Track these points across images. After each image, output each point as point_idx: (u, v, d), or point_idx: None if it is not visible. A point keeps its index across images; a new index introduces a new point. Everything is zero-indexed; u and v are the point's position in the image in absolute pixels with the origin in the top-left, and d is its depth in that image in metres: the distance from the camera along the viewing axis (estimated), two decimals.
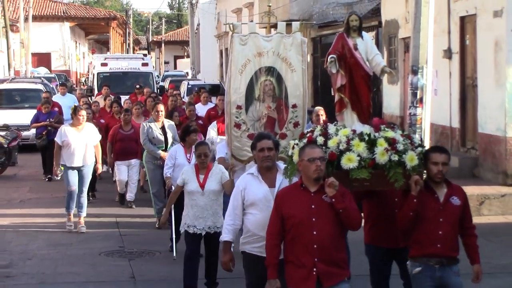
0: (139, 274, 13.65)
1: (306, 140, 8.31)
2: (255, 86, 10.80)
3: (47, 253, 15.22)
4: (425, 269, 7.92)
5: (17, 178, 24.19)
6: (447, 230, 7.91)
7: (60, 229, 16.92)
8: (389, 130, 8.42)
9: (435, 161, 7.95)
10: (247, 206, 8.45)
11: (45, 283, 13.26)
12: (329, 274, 7.38)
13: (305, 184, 7.54)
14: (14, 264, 14.51)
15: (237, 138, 10.94)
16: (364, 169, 8.00)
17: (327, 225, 7.39)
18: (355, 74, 9.04)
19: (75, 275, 13.65)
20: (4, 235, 16.74)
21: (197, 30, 62.56)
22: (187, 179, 11.05)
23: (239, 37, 10.78)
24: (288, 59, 10.77)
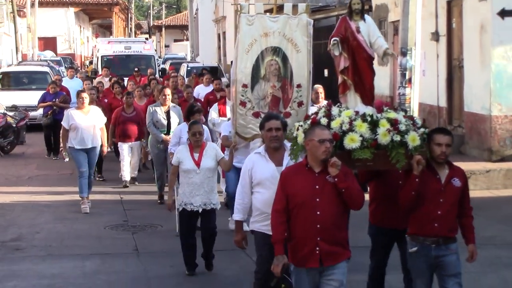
0: (142, 247, 13.69)
1: (310, 122, 8.08)
2: (261, 66, 10.61)
3: (54, 227, 15.28)
4: (421, 249, 7.77)
5: (25, 156, 24.21)
6: (446, 211, 7.72)
7: (66, 204, 16.96)
8: (391, 111, 8.22)
9: (438, 142, 7.72)
10: (255, 185, 8.36)
11: (52, 255, 13.29)
12: (331, 253, 7.26)
13: (310, 164, 7.34)
14: (23, 237, 14.57)
15: (242, 116, 10.69)
16: (366, 149, 7.79)
17: (330, 205, 7.23)
18: (358, 57, 8.83)
19: (81, 247, 13.70)
20: (13, 210, 16.80)
21: (196, 14, 62.48)
22: (181, 158, 10.94)
23: (246, 17, 10.58)
24: (293, 40, 10.56)
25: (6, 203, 17.70)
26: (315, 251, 7.20)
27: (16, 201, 17.86)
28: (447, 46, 22.10)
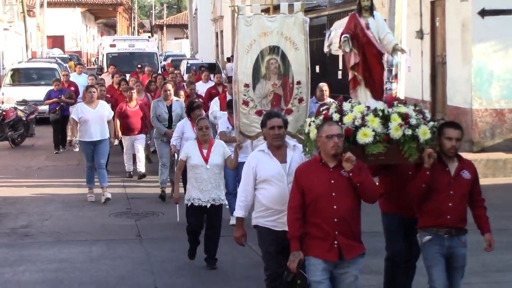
0: (144, 233, 13.74)
1: (322, 117, 7.72)
2: (261, 65, 10.10)
3: (62, 214, 15.31)
4: (434, 238, 7.49)
5: (34, 148, 24.19)
6: (456, 202, 7.46)
7: (73, 193, 16.99)
8: (402, 106, 7.90)
9: (449, 136, 7.48)
10: (260, 182, 7.92)
11: (60, 241, 13.32)
12: (349, 246, 6.96)
13: (324, 159, 7.03)
14: (33, 224, 14.59)
15: (245, 115, 10.15)
16: (379, 143, 7.45)
17: (346, 199, 6.93)
18: (367, 53, 8.38)
19: (87, 234, 13.74)
20: (23, 199, 16.81)
21: (195, 14, 62.53)
22: (190, 153, 10.62)
23: (244, 18, 10.16)
24: (291, 38, 10.11)
25: (16, 192, 17.71)
26: (334, 244, 6.91)
27: (26, 190, 17.86)
28: (430, 44, 22.15)
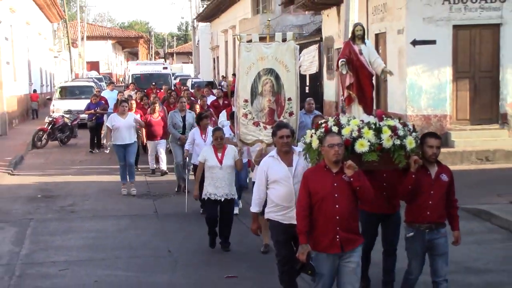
0: (160, 210, 13.74)
1: (323, 129, 7.20)
2: (258, 84, 9.78)
3: (98, 196, 15.33)
4: (416, 234, 7.06)
5: (77, 146, 24.09)
6: (436, 201, 7.02)
7: (106, 180, 16.98)
8: (390, 119, 7.40)
9: (430, 144, 7.04)
10: (271, 183, 7.48)
11: (96, 216, 13.34)
12: (349, 240, 6.49)
13: (328, 166, 6.53)
14: (77, 203, 14.58)
15: (244, 125, 9.77)
16: (373, 152, 7.00)
17: (346, 200, 6.45)
18: (361, 75, 8.01)
19: (117, 210, 13.78)
20: (69, 184, 16.81)
21: (198, 44, 62.40)
22: (207, 156, 10.15)
23: (245, 45, 9.88)
24: (284, 62, 9.78)
25: (65, 179, 17.72)
26: (336, 239, 6.43)
27: (71, 177, 17.90)
28: None
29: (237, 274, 9.22)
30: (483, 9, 18.87)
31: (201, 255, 10.21)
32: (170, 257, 10.35)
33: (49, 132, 24.00)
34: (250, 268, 9.50)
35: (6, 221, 13.02)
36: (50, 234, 11.93)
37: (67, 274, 9.60)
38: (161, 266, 9.88)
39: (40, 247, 11.08)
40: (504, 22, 18.89)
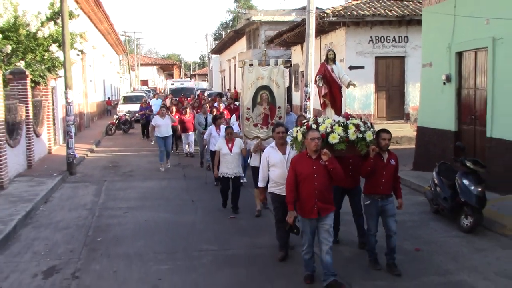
0: (187, 175, 13.66)
1: (306, 127, 6.80)
2: (257, 96, 9.41)
3: (148, 166, 15.22)
4: (372, 202, 6.61)
5: (134, 134, 23.95)
6: (387, 179, 6.59)
7: (152, 155, 16.87)
8: (354, 119, 6.92)
9: (383, 137, 6.62)
10: (271, 166, 7.12)
11: (146, 178, 13.22)
12: (324, 208, 6.04)
13: (309, 154, 6.11)
14: (134, 170, 14.54)
15: (247, 126, 9.44)
16: (342, 143, 6.57)
17: (323, 178, 6.04)
18: (333, 87, 7.60)
19: (158, 175, 13.68)
20: (129, 157, 16.72)
21: (211, 69, 62.16)
22: (221, 147, 9.58)
23: (247, 68, 9.46)
24: (276, 81, 9.44)
25: (126, 155, 17.57)
26: (314, 207, 6.01)
27: (129, 154, 17.73)
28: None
29: (239, 221, 9.16)
30: (394, 46, 18.95)
31: (214, 204, 10.23)
32: (193, 205, 10.34)
33: (116, 125, 24.01)
34: (248, 216, 9.49)
35: (89, 181, 13.02)
36: (116, 190, 11.89)
37: (127, 215, 9.60)
38: (187, 210, 9.88)
39: (110, 198, 11.06)
40: (407, 55, 19.00)
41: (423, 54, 13.43)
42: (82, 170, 14.56)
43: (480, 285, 6.11)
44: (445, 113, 12.08)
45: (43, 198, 10.71)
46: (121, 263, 6.99)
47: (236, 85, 44.91)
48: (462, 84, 11.70)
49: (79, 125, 24.34)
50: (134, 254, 7.36)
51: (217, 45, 53.63)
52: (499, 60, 10.16)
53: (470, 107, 11.42)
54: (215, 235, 8.24)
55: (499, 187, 9.88)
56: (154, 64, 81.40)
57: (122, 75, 54.01)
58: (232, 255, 7.27)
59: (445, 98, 12.10)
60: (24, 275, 6.62)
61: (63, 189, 12.09)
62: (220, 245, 7.73)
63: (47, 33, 15.43)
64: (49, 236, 8.29)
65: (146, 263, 6.99)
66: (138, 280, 6.38)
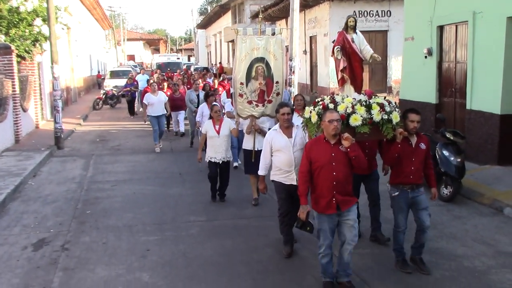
0: (174, 149, 13.62)
1: (321, 106, 5.70)
2: (252, 70, 8.02)
3: (135, 140, 15.13)
4: (401, 193, 5.62)
5: (121, 108, 23.60)
6: (417, 166, 5.61)
7: (141, 129, 16.76)
8: (378, 97, 5.84)
9: (412, 119, 5.60)
10: (274, 151, 6.16)
11: (134, 152, 13.19)
12: (344, 201, 5.11)
13: (327, 138, 5.13)
14: (121, 144, 14.44)
15: (240, 104, 8.06)
16: (365, 125, 5.50)
17: (343, 167, 5.07)
18: (353, 59, 6.36)
19: (147, 149, 13.56)
20: (116, 133, 16.59)
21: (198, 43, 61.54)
22: (207, 129, 8.43)
23: (241, 37, 8.03)
24: (273, 52, 8.04)
25: (113, 130, 17.41)
26: (332, 201, 5.06)
27: (117, 128, 17.58)
28: (310, 56, 22.06)
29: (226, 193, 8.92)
30: (377, 21, 18.88)
31: (200, 177, 10.23)
32: (181, 178, 10.33)
33: (103, 100, 23.71)
34: (234, 188, 9.47)
35: (77, 155, 12.91)
36: (104, 164, 11.83)
37: (116, 188, 9.56)
38: (175, 183, 9.88)
39: (98, 172, 11.00)
40: (390, 29, 18.97)
41: (405, 28, 13.39)
42: (70, 145, 14.44)
43: (459, 251, 6.21)
44: (426, 86, 12.12)
45: (31, 172, 10.62)
46: (110, 235, 6.99)
47: (222, 60, 44.58)
48: (443, 57, 11.71)
49: (66, 100, 24.07)
50: (123, 226, 7.36)
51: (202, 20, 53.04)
52: (479, 33, 10.15)
53: (450, 80, 11.46)
54: (203, 206, 8.26)
55: (477, 158, 10.01)
56: (140, 39, 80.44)
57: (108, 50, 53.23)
58: (219, 226, 7.30)
59: (426, 71, 12.12)
60: (14, 247, 6.59)
61: (51, 163, 11.99)
62: (207, 216, 7.75)
63: (30, 7, 15.10)
64: (38, 210, 8.24)
65: (135, 234, 7.00)
66: (127, 251, 6.39)
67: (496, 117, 9.63)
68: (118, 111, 22.89)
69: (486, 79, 9.97)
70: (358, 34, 6.51)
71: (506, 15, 9.33)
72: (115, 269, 5.86)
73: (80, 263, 6.05)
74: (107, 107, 23.90)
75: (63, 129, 14.17)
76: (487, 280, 5.40)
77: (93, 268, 5.88)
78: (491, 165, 9.66)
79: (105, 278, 5.61)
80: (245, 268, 5.82)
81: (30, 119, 16.22)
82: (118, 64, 54.79)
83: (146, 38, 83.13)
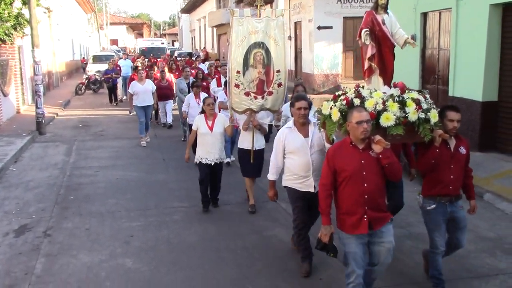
0: (158, 135, 13.46)
1: (345, 102, 4.67)
2: (250, 57, 6.96)
3: (119, 126, 15.03)
4: (438, 206, 4.65)
5: (103, 94, 23.18)
6: (456, 175, 4.67)
7: (124, 115, 16.63)
8: (412, 92, 4.80)
9: (451, 118, 4.64)
10: (288, 153, 5.22)
11: (117, 138, 13.06)
12: (377, 219, 4.15)
13: (354, 142, 4.18)
14: (104, 130, 14.32)
15: (236, 95, 6.99)
16: (399, 126, 4.49)
17: (374, 177, 4.13)
18: (383, 45, 5.22)
19: (130, 135, 13.41)
20: (99, 118, 16.44)
21: (182, 28, 60.96)
22: (199, 125, 7.30)
23: (237, 19, 6.97)
24: (273, 36, 7.00)
25: (96, 116, 17.23)
26: (364, 218, 4.11)
27: (100, 116, 17.34)
28: (295, 42, 21.99)
29: None
30: (361, 7, 18.84)
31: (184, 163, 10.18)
32: (164, 163, 10.29)
33: (86, 85, 23.45)
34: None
35: (60, 141, 12.79)
36: (87, 149, 11.73)
37: (99, 174, 9.50)
38: (159, 169, 9.84)
39: (81, 157, 10.91)
40: None
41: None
42: (52, 130, 14.29)
43: None
44: (409, 73, 12.17)
45: (12, 157, 10.49)
46: (93, 221, 6.96)
47: (206, 45, 44.26)
48: (426, 44, 11.76)
49: (48, 84, 23.74)
50: (106, 212, 7.33)
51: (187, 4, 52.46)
52: (462, 20, 10.21)
53: (433, 67, 11.53)
54: (186, 192, 8.24)
55: None
56: (124, 23, 79.40)
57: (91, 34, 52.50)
58: (202, 212, 7.30)
59: (410, 58, 12.17)
60: None
61: (33, 149, 11.86)
62: (190, 202, 7.74)
63: None
64: (20, 196, 8.16)
65: (118, 220, 6.97)
66: (110, 237, 6.37)
67: (477, 104, 9.73)
68: (101, 96, 22.65)
69: (469, 66, 10.05)
70: (390, 15, 5.32)
71: (489, 3, 9.38)
72: (98, 255, 5.84)
73: (63, 249, 6.02)
74: (90, 92, 23.64)
75: (44, 114, 14.00)
76: (467, 265, 5.47)
77: (76, 254, 5.86)
78: (472, 151, 9.76)
79: (88, 264, 5.60)
80: (229, 254, 5.83)
81: (11, 104, 15.98)
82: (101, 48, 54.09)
83: (129, 22, 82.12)
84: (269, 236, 6.34)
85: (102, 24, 62.40)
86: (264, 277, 5.25)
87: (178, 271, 5.40)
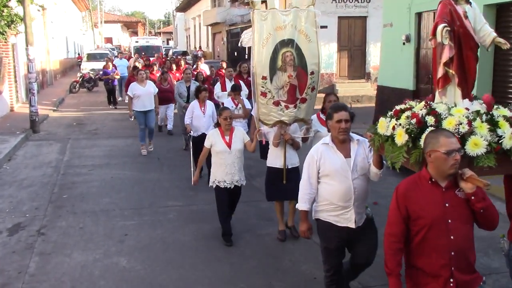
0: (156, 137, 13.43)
1: (415, 121, 3.39)
2: (277, 57, 5.68)
3: (113, 124, 14.98)
4: None
5: (98, 92, 23.31)
6: None
7: (119, 113, 16.58)
8: (501, 107, 3.56)
9: None
10: (323, 176, 4.10)
11: (112, 137, 13.01)
12: (468, 283, 3.07)
13: (435, 178, 3.06)
14: (99, 128, 14.27)
15: (264, 105, 5.75)
16: (490, 154, 3.23)
17: (464, 226, 3.04)
18: (464, 46, 3.65)
19: (124, 133, 13.39)
20: (93, 116, 16.38)
21: (176, 26, 60.88)
22: (214, 141, 6.07)
23: (259, 13, 5.77)
24: (304, 31, 5.73)
25: (91, 114, 17.17)
26: (450, 283, 3.02)
27: (97, 113, 17.30)
28: None
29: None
30: (356, 7, 18.90)
31: (178, 162, 10.19)
32: (159, 162, 10.27)
33: (80, 83, 23.39)
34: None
35: (53, 139, 12.74)
36: (81, 148, 11.70)
37: (93, 173, 9.48)
38: (153, 168, 9.83)
39: (75, 156, 10.88)
40: (369, 15, 19.03)
41: (384, 14, 13.44)
42: (46, 128, 14.24)
43: None
44: (404, 72, 12.22)
45: (6, 156, 10.46)
46: (87, 220, 6.94)
47: (201, 44, 44.20)
48: (420, 44, 11.80)
49: (42, 82, 23.64)
50: (100, 210, 7.32)
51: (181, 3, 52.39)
52: None
53: (427, 67, 11.57)
54: (180, 191, 8.24)
55: None
56: (118, 21, 79.28)
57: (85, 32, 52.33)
58: (196, 211, 7.30)
59: (404, 58, 12.20)
60: None
61: (27, 147, 11.82)
62: (185, 201, 7.74)
63: None
64: (14, 194, 8.14)
65: (112, 219, 6.96)
66: (105, 236, 6.36)
67: None
68: (95, 95, 22.59)
69: None
70: (473, 6, 3.86)
71: (483, 3, 9.43)
72: (92, 254, 5.83)
73: (57, 247, 6.01)
74: (84, 90, 23.57)
75: (38, 112, 13.96)
76: None
77: (69, 253, 5.85)
78: None
79: (82, 263, 5.59)
80: (222, 253, 5.84)
81: (4, 102, 15.92)
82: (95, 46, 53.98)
83: (124, 20, 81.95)
84: (262, 235, 6.35)
85: (97, 22, 62.24)
86: (257, 276, 5.25)
87: (172, 270, 5.41)
